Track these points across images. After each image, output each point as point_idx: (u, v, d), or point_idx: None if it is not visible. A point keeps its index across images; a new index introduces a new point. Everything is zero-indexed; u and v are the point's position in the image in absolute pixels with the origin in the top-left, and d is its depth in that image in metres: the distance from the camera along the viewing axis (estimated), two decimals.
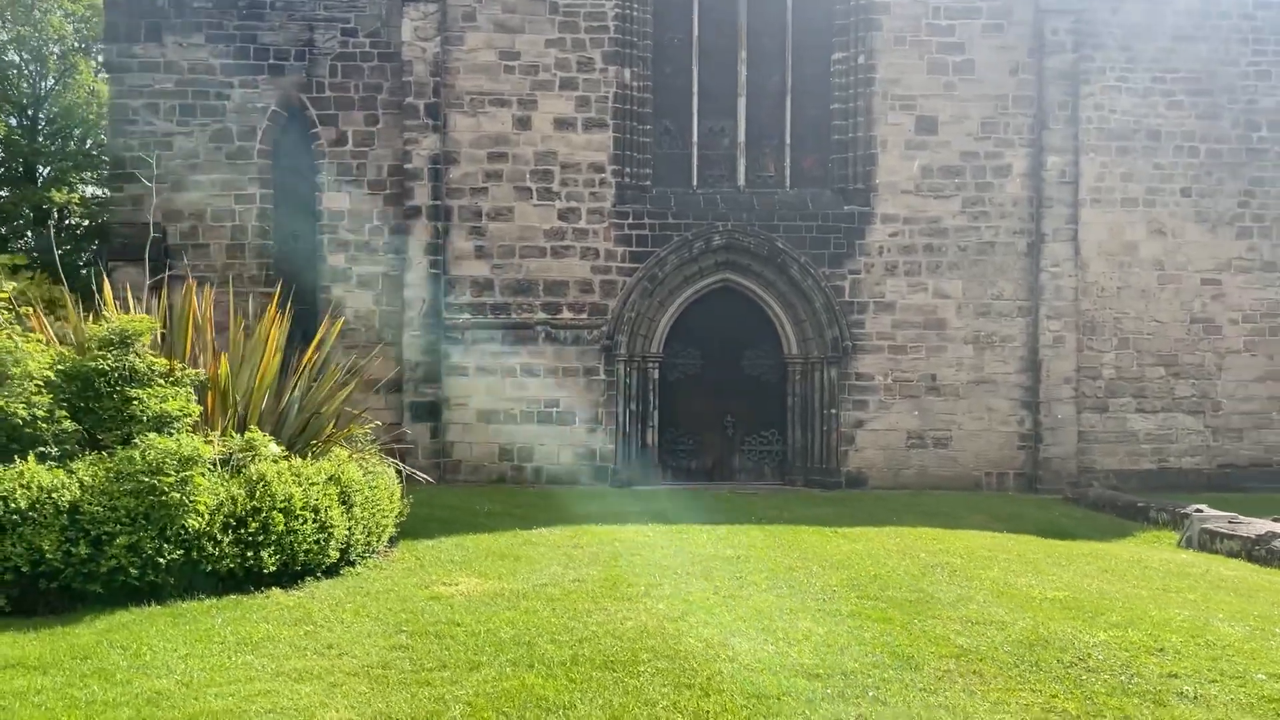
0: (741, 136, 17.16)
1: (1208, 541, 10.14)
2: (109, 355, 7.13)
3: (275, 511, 6.79)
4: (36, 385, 6.86)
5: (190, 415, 7.27)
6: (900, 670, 5.25)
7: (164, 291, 13.98)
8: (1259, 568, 8.91)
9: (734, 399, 17.28)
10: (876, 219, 16.75)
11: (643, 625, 5.93)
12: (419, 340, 16.32)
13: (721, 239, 16.63)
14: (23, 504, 6.12)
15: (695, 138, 17.16)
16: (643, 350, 16.77)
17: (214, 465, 6.84)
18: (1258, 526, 9.95)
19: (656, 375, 16.90)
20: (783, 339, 17.16)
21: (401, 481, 8.54)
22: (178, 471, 6.37)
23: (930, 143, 16.76)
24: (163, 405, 6.98)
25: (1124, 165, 17.06)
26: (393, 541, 8.38)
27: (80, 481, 6.35)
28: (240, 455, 7.04)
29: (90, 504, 6.26)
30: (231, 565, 6.64)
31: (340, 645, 5.64)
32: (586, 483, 16.18)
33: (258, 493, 6.83)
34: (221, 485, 6.71)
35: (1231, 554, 9.63)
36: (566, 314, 16.57)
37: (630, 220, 16.61)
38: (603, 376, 16.55)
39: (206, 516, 6.49)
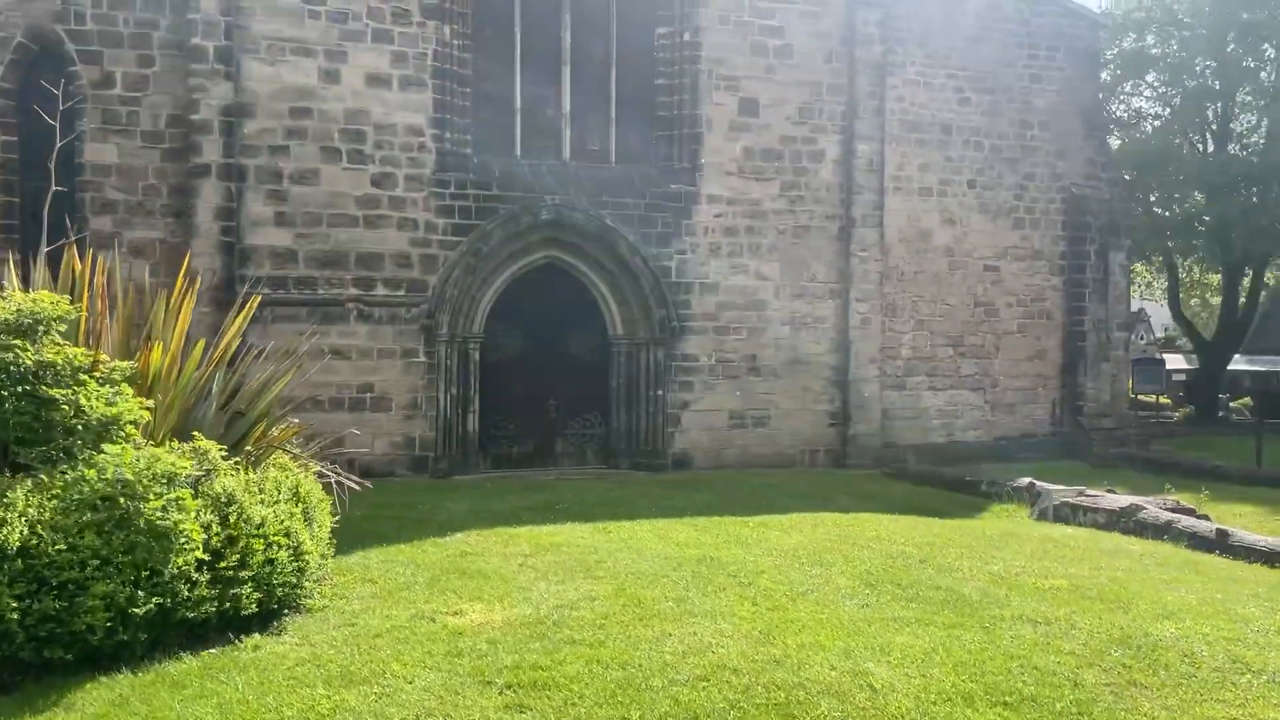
0: (567, 107, 16.39)
1: (1068, 514, 10.85)
2: (16, 346, 5.37)
3: (253, 538, 5.39)
4: None
5: (139, 420, 5.65)
6: (1063, 689, 5.01)
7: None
8: (1140, 540, 9.59)
9: (557, 381, 16.58)
10: (702, 199, 16.60)
11: (747, 655, 5.28)
12: (207, 318, 14.22)
13: (549, 214, 15.81)
14: None
15: (519, 105, 16.17)
16: (464, 330, 15.65)
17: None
18: (1113, 500, 10.75)
19: (478, 357, 15.85)
20: (608, 319, 16.66)
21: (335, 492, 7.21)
22: (159, 494, 4.86)
23: (753, 125, 16.82)
24: (108, 409, 5.35)
25: (921, 156, 17.99)
26: None
27: (23, 514, 4.68)
28: (196, 470, 5.53)
29: (46, 544, 4.63)
30: (210, 610, 5.17)
31: (440, 711, 4.53)
32: (404, 474, 14.91)
33: (231, 517, 5.38)
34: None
35: (1098, 526, 10.34)
36: (382, 290, 15.12)
37: (452, 190, 15.40)
38: (423, 359, 15.28)
39: (197, 550, 5.00)
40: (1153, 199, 30.76)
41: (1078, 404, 18.94)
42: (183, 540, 4.90)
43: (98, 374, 5.84)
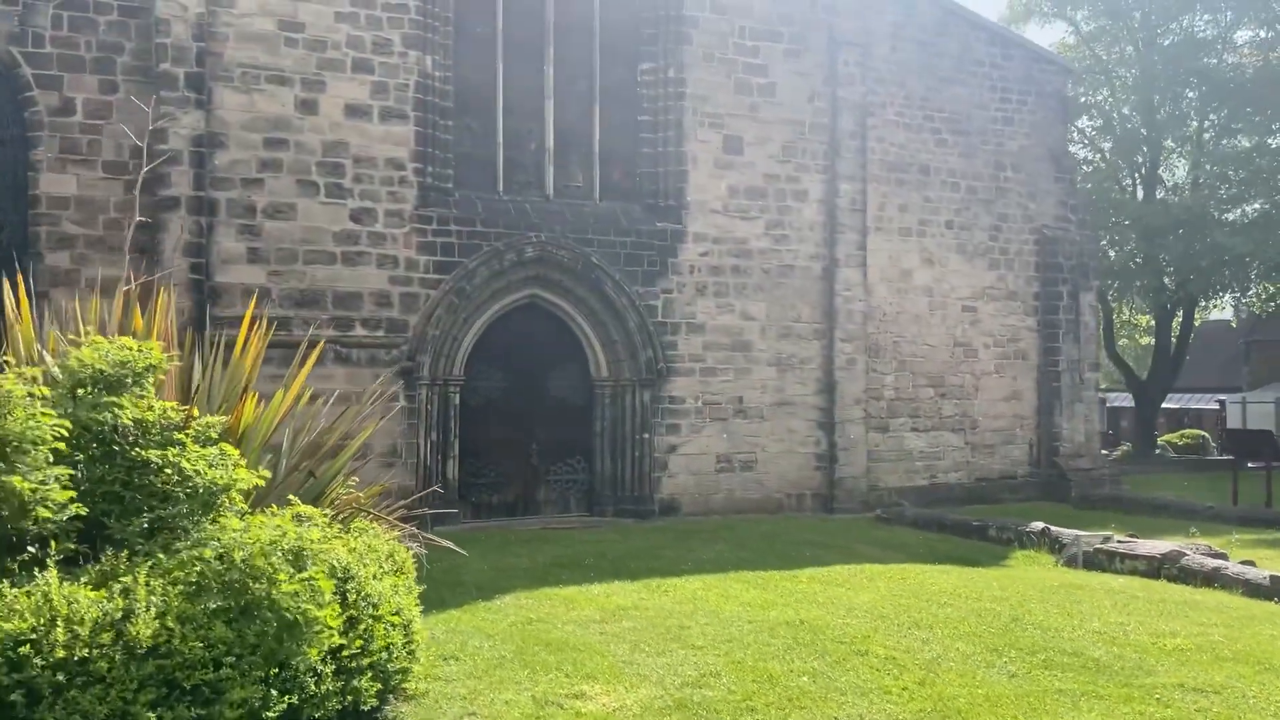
0: (550, 142, 15.88)
1: (1103, 562, 10.60)
2: (113, 404, 4.58)
3: (374, 620, 4.63)
4: (48, 453, 4.20)
5: (247, 485, 4.88)
6: None
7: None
8: (1191, 588, 9.35)
9: (539, 425, 15.90)
10: (688, 237, 16.22)
11: None
12: (174, 362, 13.25)
13: (534, 251, 15.24)
14: (62, 652, 3.59)
15: (501, 139, 15.61)
16: (445, 372, 14.91)
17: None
18: (1150, 546, 10.54)
19: (458, 400, 15.10)
20: (591, 360, 16.09)
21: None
22: (291, 575, 4.09)
23: (737, 163, 16.55)
24: (215, 475, 4.58)
25: (901, 196, 17.94)
26: None
27: (147, 603, 3.87)
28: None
29: (178, 639, 3.85)
30: (334, 706, 4.34)
31: None
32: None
33: (350, 595, 4.59)
34: None
35: (1138, 573, 10.09)
36: (360, 331, 14.32)
37: (435, 226, 14.73)
38: (403, 403, 14.48)
39: (333, 638, 4.21)
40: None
41: (1054, 445, 18.96)
42: (317, 628, 4.15)
43: (190, 431, 5.10)
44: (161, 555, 4.27)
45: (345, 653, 4.44)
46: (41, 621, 3.76)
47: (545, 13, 15.83)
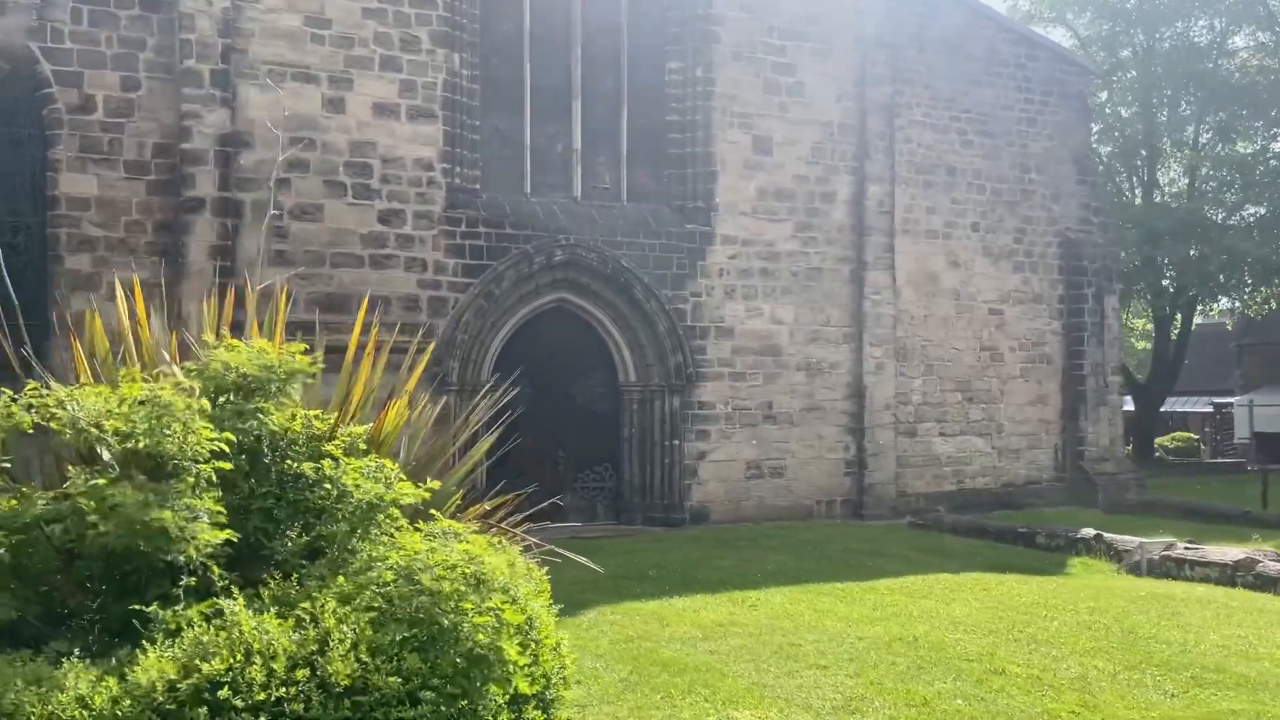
0: (577, 143, 15.55)
1: (1173, 569, 10.37)
2: (259, 411, 4.21)
3: (537, 644, 4.24)
4: (209, 472, 3.81)
5: (413, 500, 4.51)
6: None
7: None
8: (1267, 595, 9.12)
9: (565, 431, 15.54)
10: (717, 240, 15.93)
11: None
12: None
13: (564, 254, 14.89)
14: (261, 694, 3.22)
15: (528, 140, 15.26)
16: (473, 378, 14.53)
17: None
18: (1222, 553, 10.32)
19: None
20: (619, 365, 15.76)
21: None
22: (475, 603, 3.71)
23: (766, 164, 16.27)
24: (376, 488, 4.21)
25: (928, 198, 17.71)
26: None
27: (339, 636, 3.47)
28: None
29: (374, 674, 3.47)
30: None
31: None
32: None
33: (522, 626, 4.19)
34: None
35: (1212, 581, 9.86)
36: (384, 335, 13.85)
37: (463, 228, 14.36)
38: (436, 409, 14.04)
39: (520, 681, 3.82)
40: None
41: (1079, 449, 18.76)
42: (506, 667, 3.76)
43: (337, 442, 4.74)
44: (341, 578, 3.88)
45: (518, 680, 4.06)
46: (236, 659, 3.38)
47: (573, 11, 15.51)
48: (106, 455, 3.97)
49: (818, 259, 16.65)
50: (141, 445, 3.87)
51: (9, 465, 4.19)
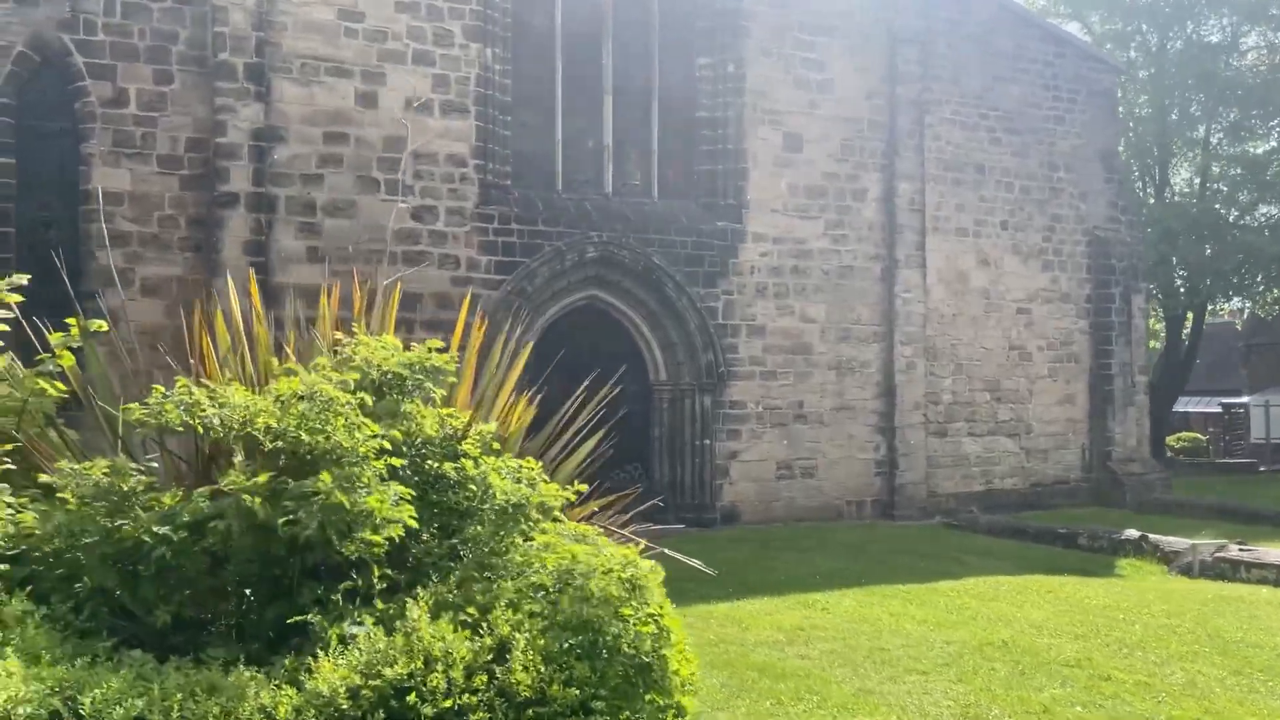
0: (609, 138, 15.40)
1: (1227, 570, 10.25)
2: (408, 413, 4.05)
3: (678, 655, 4.09)
4: (382, 469, 3.67)
5: (556, 501, 4.37)
6: None
7: None
8: None
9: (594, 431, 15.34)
10: (748, 237, 15.79)
11: None
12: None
13: (596, 251, 14.74)
14: (446, 701, 3.05)
15: (559, 135, 15.11)
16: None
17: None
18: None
19: None
20: (650, 363, 15.61)
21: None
22: (636, 608, 3.57)
23: (796, 161, 16.14)
24: (522, 489, 4.06)
25: (957, 196, 17.58)
26: None
27: (497, 640, 3.31)
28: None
29: (549, 684, 3.32)
30: None
31: None
32: None
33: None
34: None
35: (1268, 582, 9.75)
36: (421, 334, 13.72)
37: (496, 224, 14.21)
38: None
39: (681, 693, 3.68)
40: None
41: (1107, 449, 18.65)
42: (672, 678, 3.61)
43: (471, 441, 4.59)
44: (506, 583, 3.72)
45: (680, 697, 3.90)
46: (416, 665, 3.23)
47: (604, 6, 15.36)
48: (240, 457, 3.82)
49: (848, 257, 16.52)
50: (305, 441, 3.72)
51: (156, 464, 4.05)
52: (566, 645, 3.45)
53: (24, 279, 5.24)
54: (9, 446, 4.13)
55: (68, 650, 3.15)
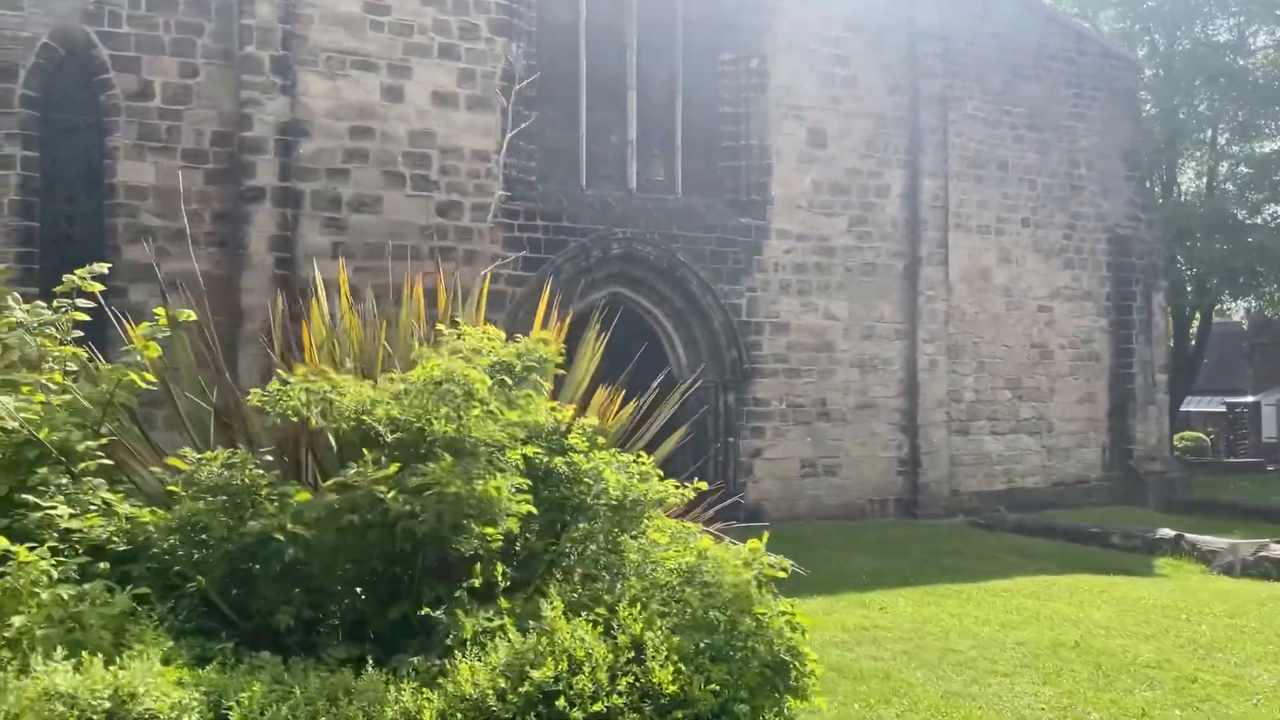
0: (633, 134, 15.28)
1: (1270, 569, 10.16)
2: (522, 402, 3.93)
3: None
4: (518, 459, 3.55)
5: (675, 499, 4.26)
6: None
7: None
8: None
9: None
10: (772, 234, 15.67)
11: None
12: (258, 363, 12.51)
13: (620, 248, 14.62)
14: (596, 705, 2.87)
15: (584, 131, 14.99)
16: None
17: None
18: None
19: None
20: (673, 360, 15.48)
21: None
22: (769, 605, 3.45)
23: (820, 157, 16.03)
24: (640, 485, 3.95)
25: (979, 193, 17.48)
26: None
27: (631, 640, 3.19)
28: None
29: (692, 684, 3.18)
30: None
31: None
32: None
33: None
34: None
35: None
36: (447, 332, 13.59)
37: (521, 220, 14.08)
38: None
39: (817, 692, 3.58)
40: None
41: (1128, 448, 18.56)
42: (808, 677, 3.50)
43: (575, 435, 4.47)
44: (633, 581, 3.62)
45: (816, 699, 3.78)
46: (563, 667, 3.12)
47: (628, 0, 15.23)
48: (331, 445, 3.69)
49: (871, 254, 16.42)
50: (432, 431, 3.59)
51: (270, 458, 3.93)
52: (701, 645, 3.34)
53: (104, 268, 5.10)
54: (102, 441, 4.00)
55: (185, 651, 3.03)
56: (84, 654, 2.69)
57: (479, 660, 3.08)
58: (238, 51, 12.52)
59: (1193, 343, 34.98)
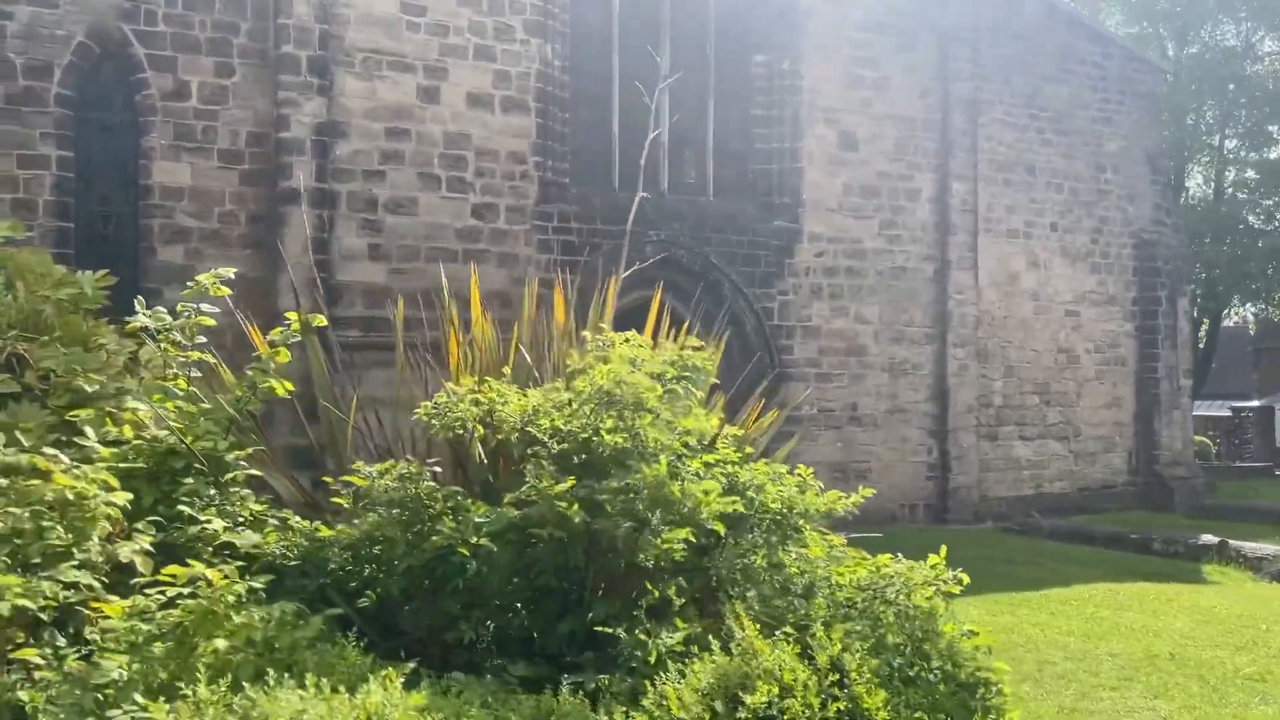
0: (665, 136, 15.16)
1: None
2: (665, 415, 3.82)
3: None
4: (699, 468, 3.42)
5: (839, 510, 4.15)
6: None
7: None
8: None
9: None
10: (804, 237, 15.59)
11: None
12: (295, 367, 12.32)
13: (654, 250, 14.50)
14: None
15: (616, 133, 14.88)
16: None
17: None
18: None
19: None
20: None
21: None
22: (955, 626, 3.34)
23: (851, 160, 15.95)
24: (798, 498, 3.84)
25: (1008, 197, 17.43)
26: None
27: (829, 661, 3.08)
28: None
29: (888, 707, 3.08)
30: None
31: None
32: None
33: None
34: None
35: None
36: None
37: (555, 223, 13.97)
38: None
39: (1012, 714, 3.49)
40: None
41: (1153, 453, 18.52)
42: (1000, 698, 3.39)
43: (722, 446, 4.36)
44: (820, 600, 3.51)
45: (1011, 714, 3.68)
46: (771, 691, 3.01)
47: (661, 2, 15.14)
48: (479, 455, 3.58)
49: (901, 257, 16.35)
50: (609, 440, 3.48)
51: (439, 469, 3.81)
52: (895, 664, 3.23)
53: (230, 273, 4.98)
54: (248, 451, 3.88)
55: (367, 670, 2.91)
56: (309, 678, 2.57)
57: (680, 680, 2.97)
58: (274, 51, 12.39)
59: (1200, 347, 35.07)
